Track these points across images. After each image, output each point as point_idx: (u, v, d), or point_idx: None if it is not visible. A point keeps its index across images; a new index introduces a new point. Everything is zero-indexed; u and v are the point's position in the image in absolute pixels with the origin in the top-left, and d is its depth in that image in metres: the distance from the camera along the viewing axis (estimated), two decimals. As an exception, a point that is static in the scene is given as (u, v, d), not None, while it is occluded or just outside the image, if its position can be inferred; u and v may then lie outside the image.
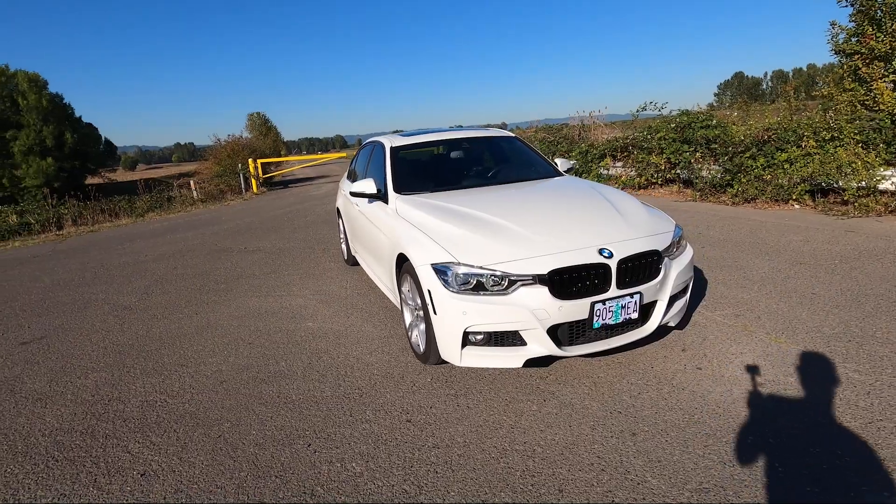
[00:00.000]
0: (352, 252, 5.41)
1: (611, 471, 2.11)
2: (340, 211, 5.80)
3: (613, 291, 2.69)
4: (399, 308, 3.56)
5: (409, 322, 3.34)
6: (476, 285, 2.68)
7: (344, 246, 5.81)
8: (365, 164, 5.00)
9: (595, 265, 2.66)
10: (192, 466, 2.38)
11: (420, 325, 3.12)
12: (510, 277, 2.64)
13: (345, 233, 5.64)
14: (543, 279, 2.61)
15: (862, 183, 6.47)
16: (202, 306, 4.86)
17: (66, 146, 36.08)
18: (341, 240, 5.97)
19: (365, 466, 2.27)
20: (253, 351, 3.68)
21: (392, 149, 4.29)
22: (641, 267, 2.79)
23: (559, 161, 4.50)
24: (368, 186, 3.95)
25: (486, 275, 2.66)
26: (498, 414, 2.61)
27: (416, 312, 3.18)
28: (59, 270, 7.27)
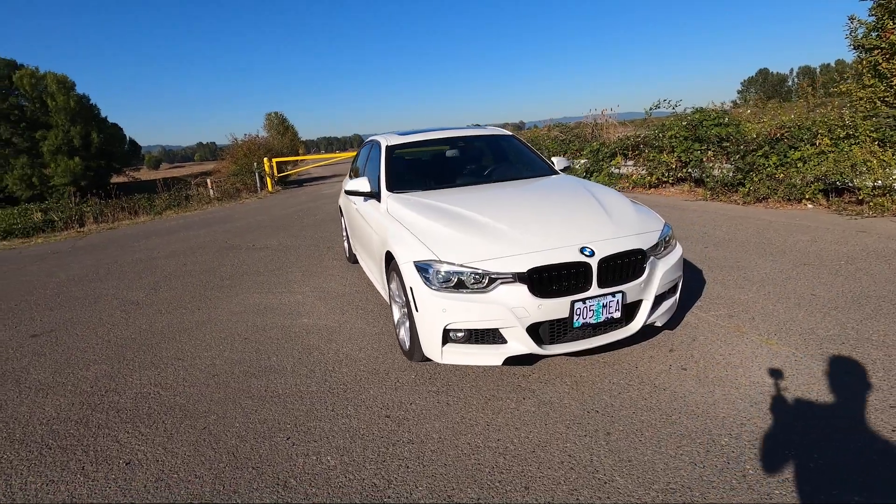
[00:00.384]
0: (353, 250, 5.47)
1: (580, 469, 2.11)
2: (342, 209, 5.87)
3: (594, 290, 2.68)
4: (389, 305, 3.60)
5: (398, 319, 3.38)
6: (457, 283, 2.69)
7: (346, 244, 5.88)
8: (364, 163, 5.05)
9: (575, 263, 2.65)
10: (175, 456, 2.46)
11: (406, 322, 3.15)
12: (490, 275, 2.65)
13: (346, 231, 5.71)
14: (523, 277, 2.61)
15: (877, 182, 6.28)
16: (205, 302, 4.98)
17: (93, 146, 37.17)
18: (343, 238, 6.04)
19: (339, 460, 2.31)
20: (247, 346, 3.76)
21: (388, 147, 4.33)
22: (624, 266, 2.77)
23: (556, 160, 4.48)
24: (363, 185, 4.00)
25: (467, 272, 2.67)
26: (476, 411, 2.62)
27: (403, 310, 3.21)
28: (75, 266, 7.50)
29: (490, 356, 2.71)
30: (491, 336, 2.70)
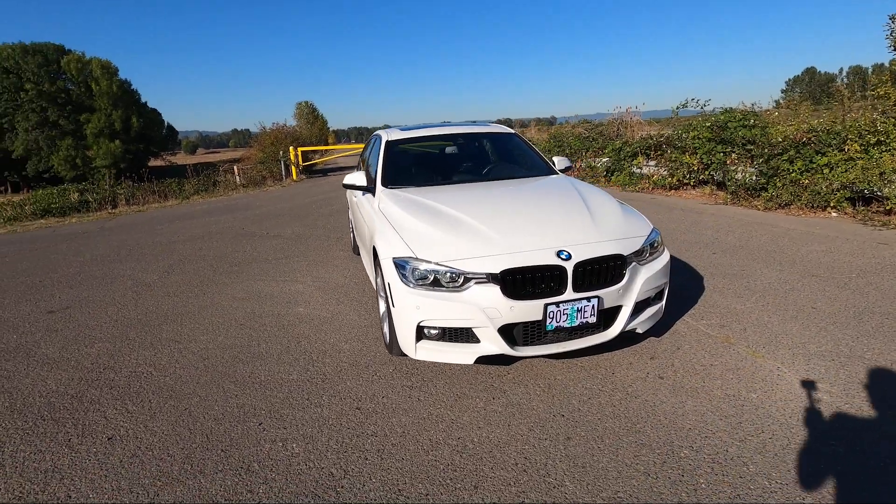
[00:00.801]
0: (355, 241, 5.55)
1: (532, 472, 2.12)
2: (349, 201, 5.95)
3: (569, 294, 2.66)
4: (377, 298, 3.66)
5: (382, 312, 3.43)
6: (433, 281, 2.72)
7: (352, 235, 5.97)
8: (368, 156, 5.11)
9: (550, 266, 2.64)
10: (153, 434, 2.58)
11: (388, 317, 3.20)
12: (465, 275, 2.67)
13: (352, 222, 5.79)
14: (496, 278, 2.62)
15: (907, 191, 5.97)
16: (211, 286, 5.15)
17: (133, 130, 38.63)
18: (351, 229, 6.13)
19: (303, 448, 2.39)
20: (241, 332, 3.88)
21: (388, 142, 4.37)
22: (602, 271, 2.74)
23: (556, 159, 4.43)
24: (359, 179, 4.06)
25: (442, 271, 2.69)
26: (444, 408, 2.65)
27: (386, 304, 3.26)
28: (101, 246, 7.85)
29: (462, 355, 2.73)
30: (464, 335, 2.73)
